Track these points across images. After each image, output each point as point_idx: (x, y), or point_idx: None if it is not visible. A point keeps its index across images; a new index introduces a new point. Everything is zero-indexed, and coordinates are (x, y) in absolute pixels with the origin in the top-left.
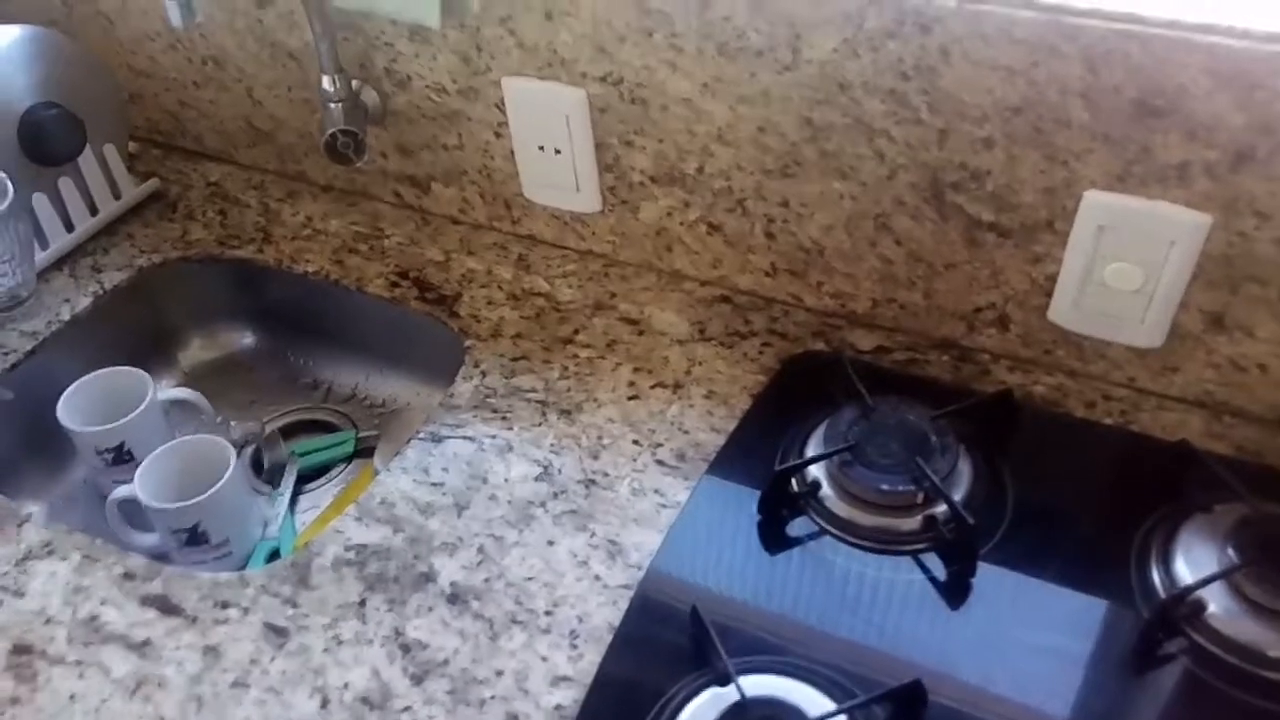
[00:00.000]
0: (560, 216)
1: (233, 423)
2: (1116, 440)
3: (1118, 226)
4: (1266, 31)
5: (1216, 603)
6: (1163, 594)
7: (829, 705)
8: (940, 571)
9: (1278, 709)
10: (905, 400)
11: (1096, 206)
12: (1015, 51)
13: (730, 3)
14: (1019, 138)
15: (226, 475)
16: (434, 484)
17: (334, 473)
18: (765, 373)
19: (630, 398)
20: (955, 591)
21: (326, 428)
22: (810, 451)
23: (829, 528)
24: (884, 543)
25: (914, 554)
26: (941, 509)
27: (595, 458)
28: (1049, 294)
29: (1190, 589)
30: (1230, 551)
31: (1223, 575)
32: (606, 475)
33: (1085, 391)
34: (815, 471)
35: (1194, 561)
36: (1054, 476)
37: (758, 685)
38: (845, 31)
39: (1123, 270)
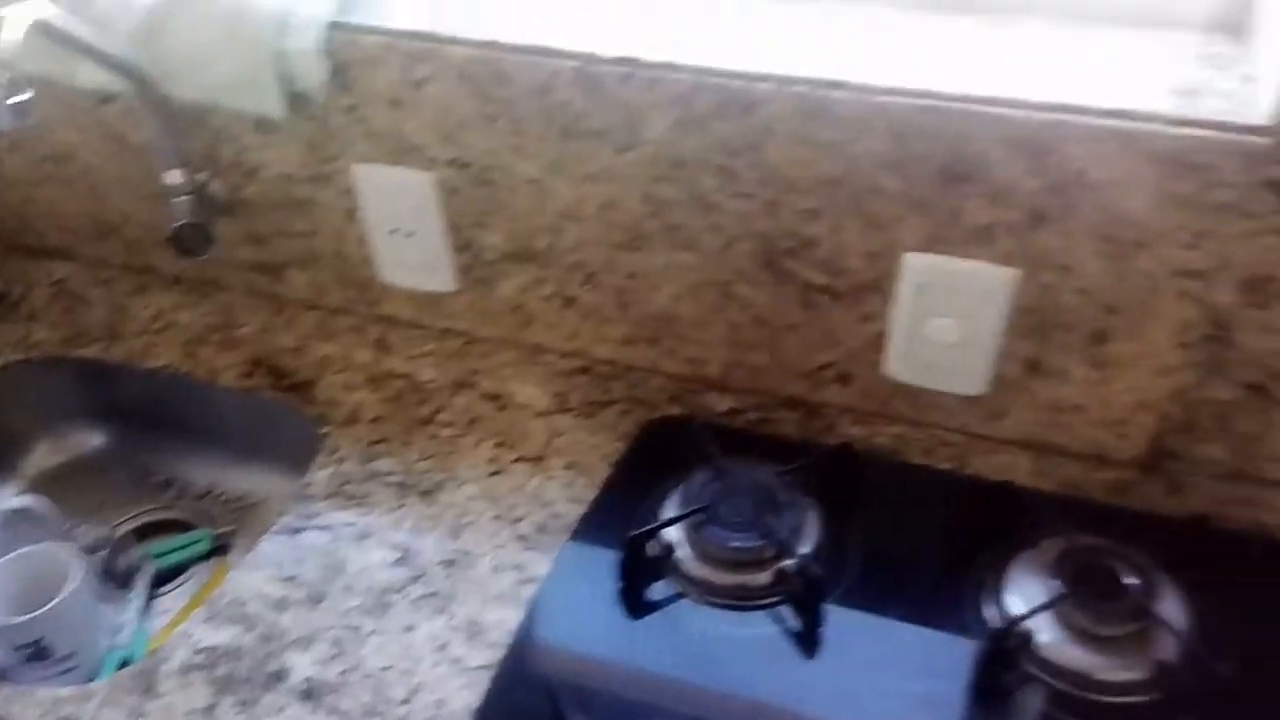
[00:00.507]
0: (417, 296)
1: (81, 528)
2: (951, 484)
3: (935, 285)
4: (1048, 101)
5: (1046, 632)
6: (996, 628)
7: None
8: (794, 623)
9: None
10: (756, 459)
11: (915, 268)
12: (830, 128)
13: (567, 89)
14: (841, 207)
15: (69, 586)
16: (287, 578)
17: (191, 573)
18: (625, 439)
19: (492, 473)
20: (808, 641)
21: (182, 526)
22: (665, 515)
23: (687, 589)
24: (740, 599)
25: (769, 608)
26: (791, 562)
27: (455, 537)
28: (882, 350)
29: (1018, 620)
30: (1055, 582)
31: (1049, 606)
32: (467, 554)
33: (923, 439)
34: (671, 535)
35: (1023, 594)
36: (895, 523)
37: None
38: (676, 112)
39: (944, 325)
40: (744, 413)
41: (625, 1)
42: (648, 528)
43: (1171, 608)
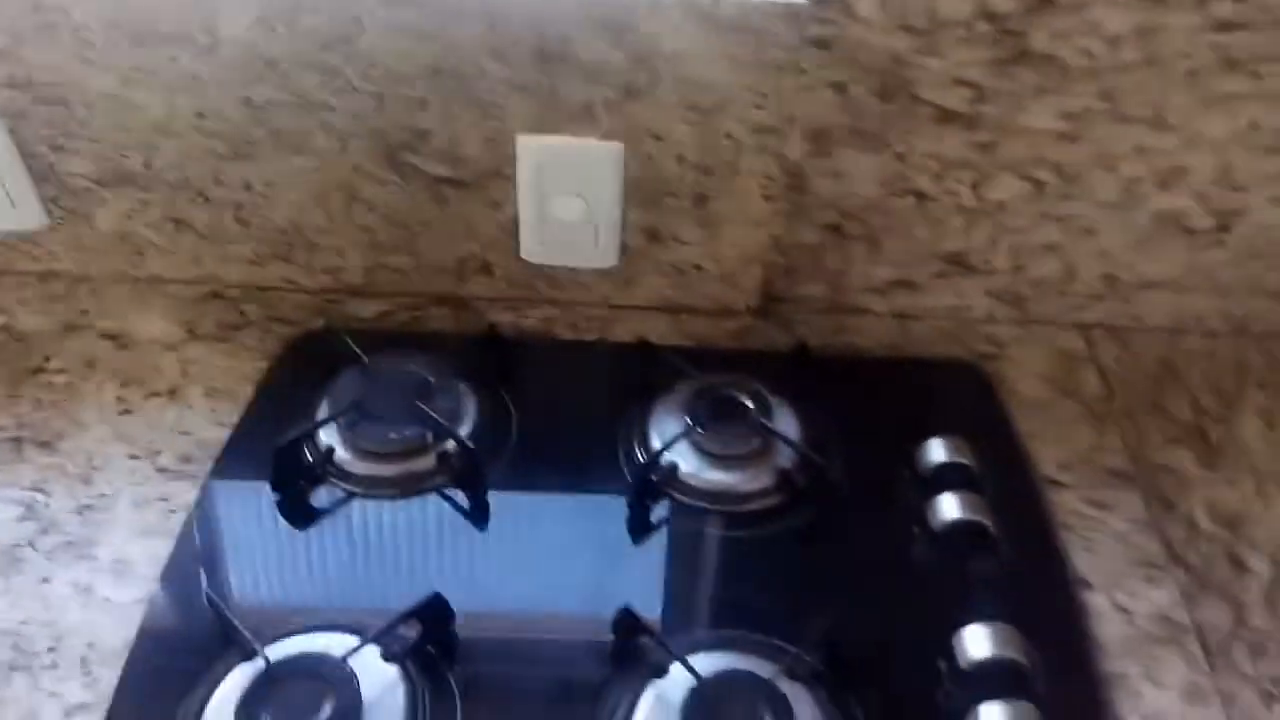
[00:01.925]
0: (3, 241)
1: None
2: (595, 354)
3: (550, 165)
4: None
5: (686, 462)
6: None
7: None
8: (463, 501)
9: (751, 533)
10: (407, 354)
11: (529, 149)
12: (422, 15)
13: None
14: (448, 95)
15: None
16: None
17: None
18: (269, 359)
19: (122, 413)
20: (477, 516)
21: None
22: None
23: (354, 488)
24: (405, 487)
25: (437, 490)
26: (451, 444)
27: (87, 483)
28: (517, 235)
29: (657, 454)
30: (687, 418)
31: (680, 437)
32: (104, 496)
33: (569, 317)
34: (327, 439)
35: (662, 435)
36: (549, 396)
37: (285, 648)
38: (254, 9)
39: (567, 203)
40: (394, 314)
41: None
42: (294, 435)
43: (786, 425)
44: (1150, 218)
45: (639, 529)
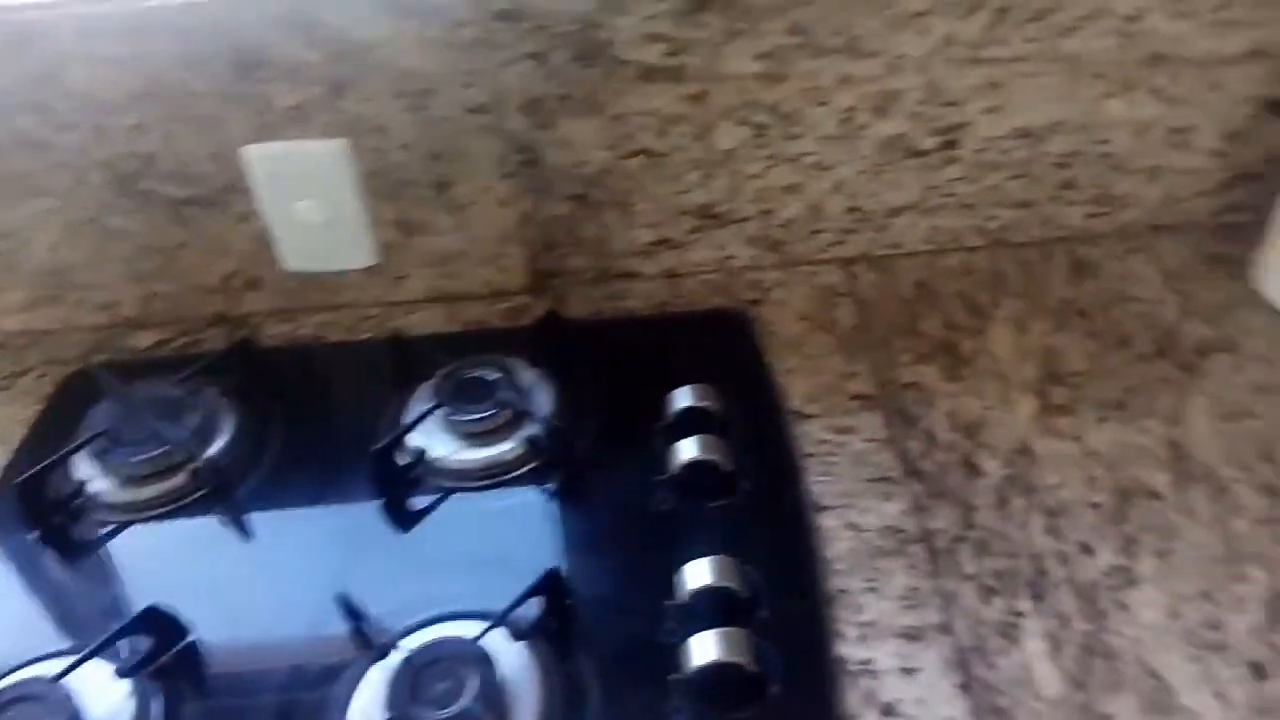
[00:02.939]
0: None
1: None
2: (356, 353)
3: (282, 171)
4: None
5: (441, 446)
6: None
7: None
8: (223, 516)
9: (504, 504)
10: (168, 379)
11: (257, 158)
12: (116, 42)
13: None
14: (163, 117)
15: None
16: None
17: None
18: (44, 402)
19: None
20: (241, 529)
21: None
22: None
23: (115, 517)
24: (164, 508)
25: (195, 507)
26: (198, 463)
27: None
28: (273, 246)
29: (398, 435)
30: (434, 403)
31: (423, 417)
32: None
33: (344, 320)
34: (79, 471)
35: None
36: (312, 403)
37: None
38: None
39: (308, 207)
40: (170, 341)
41: None
42: (34, 470)
43: (538, 395)
44: (875, 146)
45: (399, 520)
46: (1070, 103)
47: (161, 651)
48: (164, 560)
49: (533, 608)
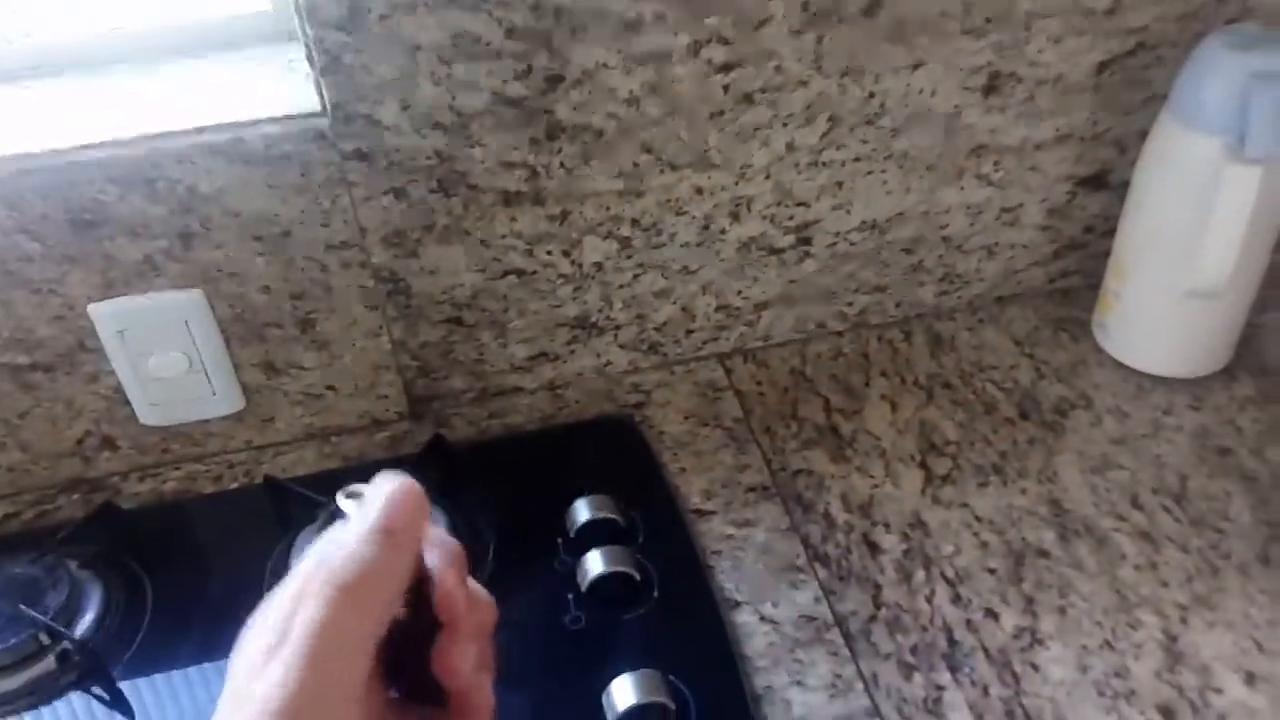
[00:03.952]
0: None
1: None
2: (229, 501)
3: (134, 326)
4: (138, 134)
5: None
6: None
7: None
8: (102, 695)
9: None
10: (22, 554)
11: (104, 316)
12: None
13: None
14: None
15: None
16: None
17: None
18: None
19: None
20: (119, 708)
21: None
22: None
23: None
24: (37, 696)
25: (71, 690)
26: (69, 643)
27: None
28: (129, 403)
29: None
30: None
31: None
32: None
33: (211, 470)
34: None
35: None
36: (186, 560)
37: None
38: None
39: (167, 360)
40: (20, 513)
41: None
42: None
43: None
44: (735, 247)
45: None
46: (908, 194)
47: None
48: None
49: None
